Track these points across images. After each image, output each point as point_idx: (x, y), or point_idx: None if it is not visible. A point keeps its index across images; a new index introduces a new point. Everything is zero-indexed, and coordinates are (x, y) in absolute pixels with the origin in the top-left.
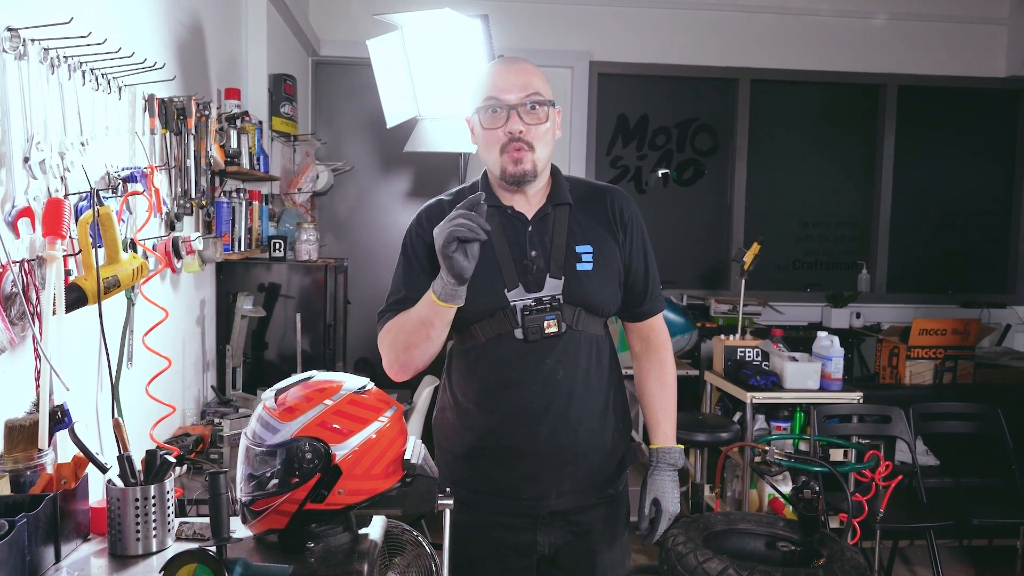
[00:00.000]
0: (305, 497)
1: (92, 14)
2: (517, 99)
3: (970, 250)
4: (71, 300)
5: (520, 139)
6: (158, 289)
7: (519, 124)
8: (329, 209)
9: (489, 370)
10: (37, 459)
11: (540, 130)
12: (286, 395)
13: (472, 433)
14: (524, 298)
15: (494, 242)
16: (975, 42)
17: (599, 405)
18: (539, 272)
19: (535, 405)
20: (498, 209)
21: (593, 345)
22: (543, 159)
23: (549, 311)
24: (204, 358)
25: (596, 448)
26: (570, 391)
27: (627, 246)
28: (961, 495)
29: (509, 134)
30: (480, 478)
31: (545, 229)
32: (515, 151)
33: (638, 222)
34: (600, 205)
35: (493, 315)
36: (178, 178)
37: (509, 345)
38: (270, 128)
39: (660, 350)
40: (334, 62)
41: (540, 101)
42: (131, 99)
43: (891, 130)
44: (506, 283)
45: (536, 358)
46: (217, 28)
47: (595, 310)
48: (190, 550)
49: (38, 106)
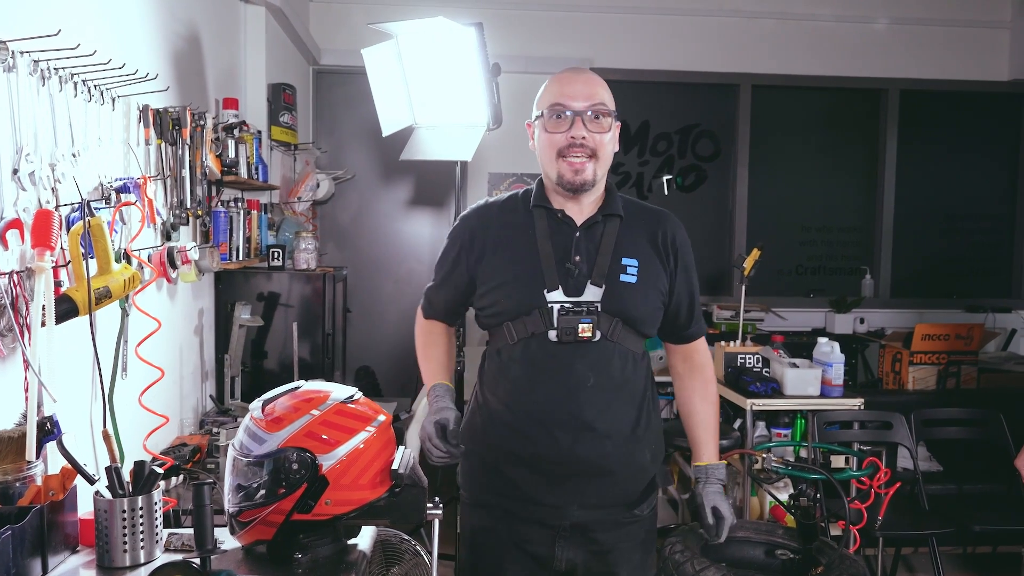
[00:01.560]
0: (292, 508)
1: (87, 26)
2: (583, 106)
3: (974, 254)
4: (62, 311)
5: (583, 144)
6: (154, 299)
7: (582, 130)
8: (331, 218)
9: (520, 370)
10: (26, 471)
11: (602, 139)
12: (273, 405)
13: (497, 433)
14: (563, 300)
15: (539, 243)
16: (977, 46)
17: (630, 421)
18: (581, 277)
19: (562, 410)
20: (547, 211)
21: (629, 359)
22: (602, 169)
23: (585, 315)
24: (203, 368)
25: (624, 464)
26: (600, 401)
27: (676, 272)
28: (964, 502)
29: (572, 138)
30: (502, 481)
31: (592, 237)
32: (575, 159)
33: (687, 249)
34: (652, 226)
35: (529, 314)
36: (173, 188)
37: (542, 346)
38: (269, 137)
39: (704, 370)
40: (335, 71)
41: (605, 111)
42: (125, 110)
43: (893, 134)
44: (547, 284)
45: (567, 361)
46: (215, 38)
47: (634, 324)
48: (173, 562)
49: (28, 118)
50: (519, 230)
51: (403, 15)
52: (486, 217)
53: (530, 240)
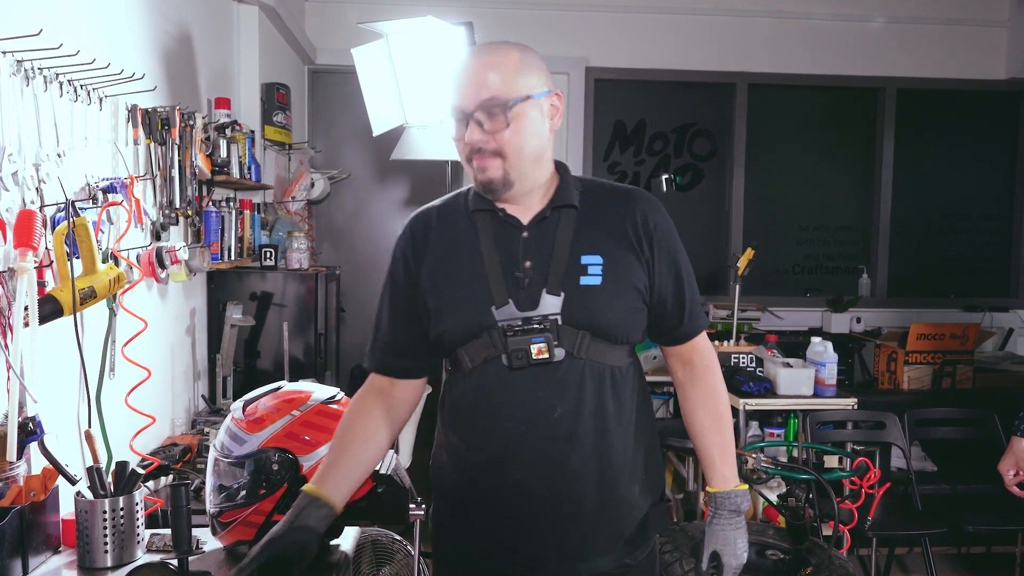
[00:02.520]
0: (273, 508)
1: (76, 27)
2: (473, 105)
3: (972, 254)
4: (47, 312)
5: (480, 150)
6: (144, 299)
7: (477, 134)
8: (326, 217)
9: (475, 401)
10: (8, 471)
11: (505, 138)
12: (255, 406)
13: (462, 475)
14: (514, 317)
15: (483, 250)
16: (975, 44)
17: (617, 453)
18: (533, 287)
19: (526, 447)
20: (490, 213)
21: (606, 379)
22: (519, 163)
23: (538, 332)
24: (195, 367)
25: (610, 505)
26: (571, 434)
27: (654, 262)
28: (958, 502)
29: (469, 145)
30: (471, 530)
31: (544, 236)
32: (480, 159)
33: (667, 232)
34: (618, 210)
35: (478, 336)
36: (163, 188)
37: (495, 373)
38: (263, 137)
39: (706, 374)
40: (330, 71)
41: (499, 106)
42: (113, 110)
43: (890, 133)
44: (494, 299)
45: (526, 391)
46: (207, 38)
47: (606, 334)
48: (151, 563)
49: (11, 118)
50: (460, 239)
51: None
52: (424, 229)
53: (474, 249)
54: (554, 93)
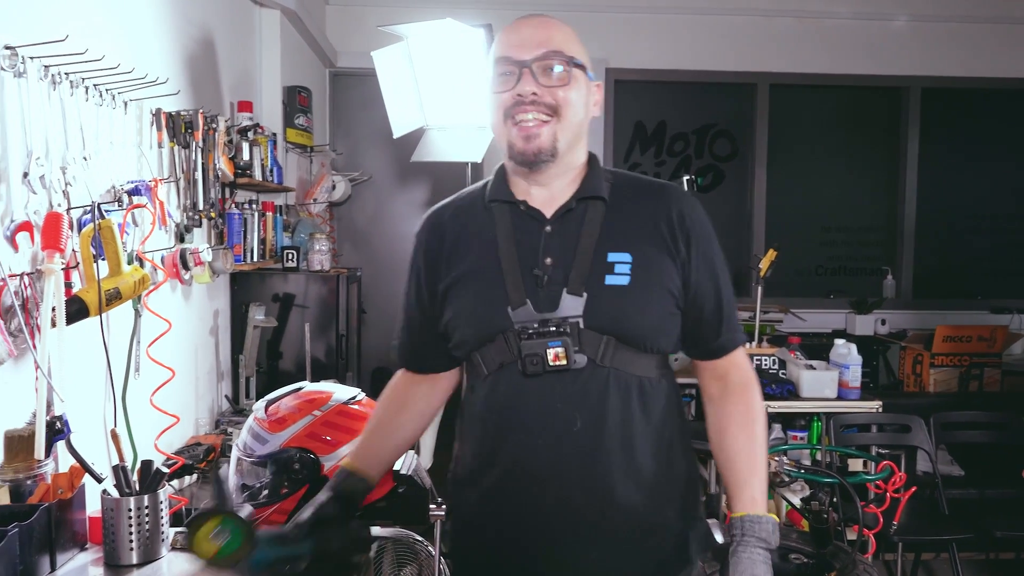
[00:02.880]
0: (295, 507)
1: (101, 32)
2: (532, 56)
3: (999, 254)
4: (72, 312)
5: (534, 101)
6: (168, 300)
7: (531, 84)
8: (347, 219)
9: (489, 411)
10: (36, 469)
11: (562, 94)
12: (277, 406)
13: (477, 491)
14: (531, 319)
15: (500, 246)
16: (999, 43)
17: (646, 473)
18: (554, 286)
19: (541, 461)
20: (509, 205)
21: (633, 391)
22: (568, 133)
23: (555, 336)
24: (219, 368)
25: (641, 527)
26: (593, 450)
27: (690, 263)
28: (985, 506)
29: (518, 96)
30: (488, 552)
31: (568, 231)
32: (526, 121)
33: (705, 231)
34: (652, 206)
35: (494, 340)
36: (186, 190)
37: (510, 380)
38: (284, 140)
39: (744, 391)
40: (351, 73)
41: (562, 60)
42: (137, 113)
43: (915, 133)
44: (510, 299)
45: (542, 400)
46: (230, 42)
47: (633, 341)
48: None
49: (38, 122)
50: (476, 235)
51: (418, 17)
52: (438, 227)
53: (490, 245)
54: (598, 84)
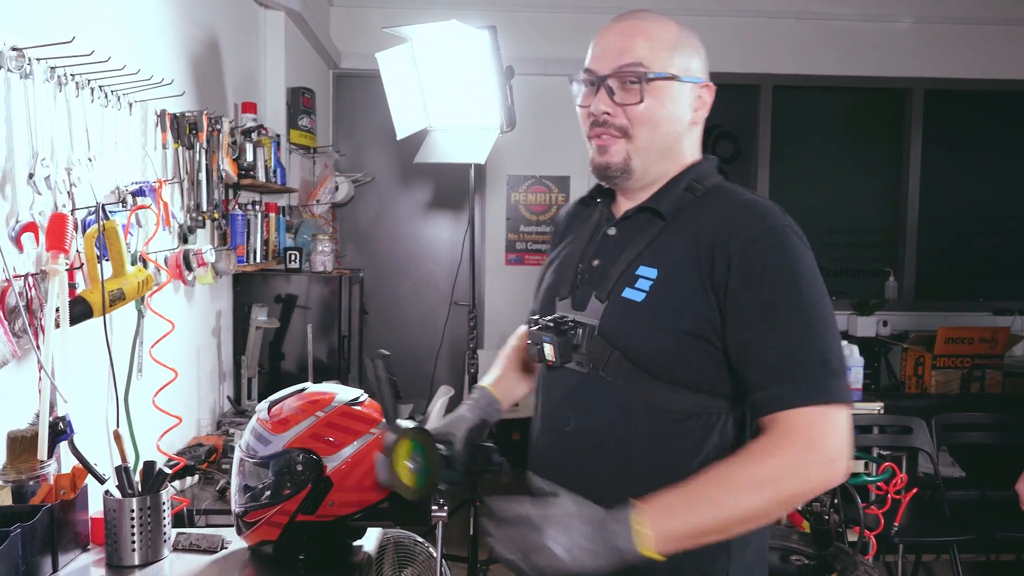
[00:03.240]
0: (296, 509)
1: (107, 33)
2: (609, 69)
3: (1001, 256)
4: (76, 312)
5: (604, 123)
6: (171, 301)
7: (604, 104)
8: (350, 220)
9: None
10: (39, 470)
11: (637, 112)
12: (280, 407)
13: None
14: (564, 313)
15: (577, 241)
16: (1003, 44)
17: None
18: (587, 287)
19: (545, 449)
20: (600, 203)
21: (633, 408)
22: (646, 150)
23: (555, 331)
24: (220, 369)
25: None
26: (584, 453)
27: (724, 293)
28: (986, 508)
29: (592, 116)
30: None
31: (623, 238)
32: (598, 137)
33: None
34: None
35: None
36: (190, 191)
37: (542, 369)
38: (288, 141)
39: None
40: (355, 74)
41: (639, 75)
42: (142, 115)
43: (918, 135)
44: (559, 291)
45: (552, 393)
46: (234, 43)
47: (640, 362)
48: (399, 430)
49: (44, 123)
50: (578, 225)
51: (423, 19)
52: (564, 214)
53: (578, 238)
54: (706, 85)
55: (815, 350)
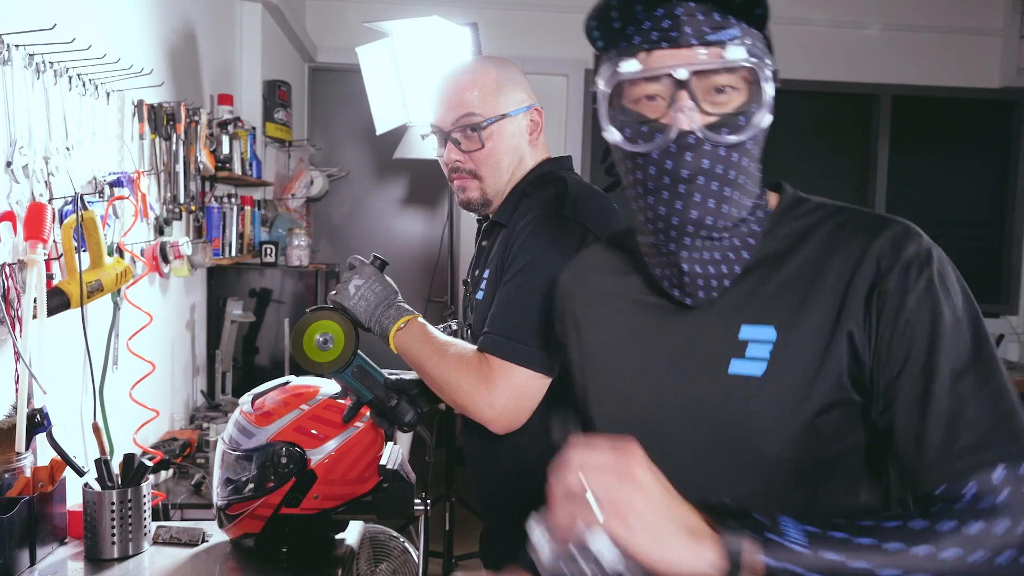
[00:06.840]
0: (280, 502)
1: (84, 21)
2: (449, 125)
3: (964, 260)
4: (54, 304)
5: (457, 169)
6: (147, 293)
7: (454, 154)
8: (324, 215)
9: None
10: (15, 462)
11: (480, 157)
12: (263, 400)
13: None
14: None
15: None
16: (968, 53)
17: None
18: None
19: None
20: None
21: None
22: (495, 183)
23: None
24: (194, 362)
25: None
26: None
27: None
28: None
29: (446, 164)
30: None
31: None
32: (455, 181)
33: (517, 244)
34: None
35: None
36: (167, 183)
37: None
38: (264, 134)
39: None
40: (331, 68)
41: (473, 123)
42: (120, 104)
43: (885, 140)
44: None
45: None
46: (211, 35)
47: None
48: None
49: (22, 111)
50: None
51: (401, 14)
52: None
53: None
54: (533, 108)
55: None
